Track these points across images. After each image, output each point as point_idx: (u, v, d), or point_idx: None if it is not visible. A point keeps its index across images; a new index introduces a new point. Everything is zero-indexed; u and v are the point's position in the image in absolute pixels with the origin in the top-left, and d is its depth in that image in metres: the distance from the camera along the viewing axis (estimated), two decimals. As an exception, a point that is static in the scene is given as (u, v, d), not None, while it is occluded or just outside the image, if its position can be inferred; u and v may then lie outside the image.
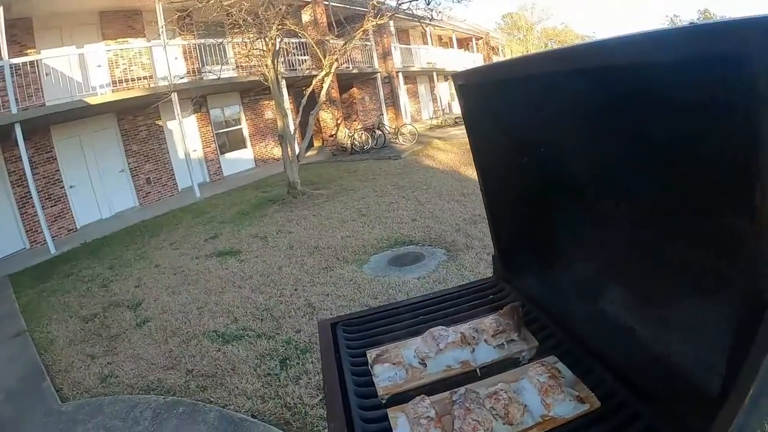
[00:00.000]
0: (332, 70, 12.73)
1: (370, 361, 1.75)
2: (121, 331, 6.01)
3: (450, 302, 2.20)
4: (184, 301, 6.64)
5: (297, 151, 12.41)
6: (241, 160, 18.53)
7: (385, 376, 1.67)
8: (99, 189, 13.80)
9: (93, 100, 12.22)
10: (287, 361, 4.79)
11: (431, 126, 24.30)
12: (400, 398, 1.63)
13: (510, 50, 48.25)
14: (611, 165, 1.47)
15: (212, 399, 4.28)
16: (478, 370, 1.71)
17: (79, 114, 12.62)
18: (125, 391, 4.58)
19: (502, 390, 1.49)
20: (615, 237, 1.57)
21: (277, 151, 18.11)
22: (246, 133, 18.88)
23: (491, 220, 2.28)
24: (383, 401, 1.61)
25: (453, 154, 14.97)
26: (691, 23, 1.12)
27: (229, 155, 18.06)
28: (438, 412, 1.45)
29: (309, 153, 17.50)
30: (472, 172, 11.66)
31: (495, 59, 42.94)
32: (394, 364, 1.69)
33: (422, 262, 6.94)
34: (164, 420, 3.97)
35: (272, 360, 4.84)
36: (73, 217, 12.96)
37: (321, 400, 4.10)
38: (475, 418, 1.39)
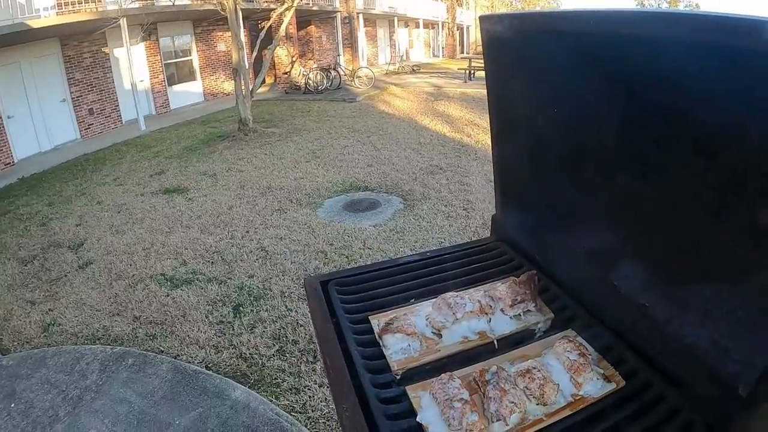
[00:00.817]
0: (294, 4, 12.18)
1: (377, 330, 1.59)
2: (63, 274, 5.61)
3: (450, 263, 2.05)
4: (129, 241, 6.28)
5: (250, 86, 11.89)
6: (189, 93, 17.65)
7: (398, 348, 1.51)
8: (39, 120, 12.73)
9: (35, 23, 11.16)
10: (241, 308, 4.62)
11: (387, 72, 23.81)
12: (414, 373, 1.49)
13: (475, 1, 47.46)
14: (641, 137, 1.38)
15: (162, 348, 4.08)
16: (495, 342, 1.58)
17: (20, 38, 11.42)
18: (69, 340, 4.29)
19: (535, 369, 1.37)
20: (635, 211, 1.51)
21: (228, 86, 17.38)
22: (196, 64, 17.93)
23: (499, 178, 2.13)
24: (397, 377, 1.45)
25: (410, 102, 14.72)
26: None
27: (177, 87, 17.14)
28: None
29: (261, 90, 16.84)
30: (429, 122, 11.56)
31: (458, 10, 42.50)
32: (408, 334, 1.53)
33: (378, 210, 6.85)
34: (113, 373, 3.75)
35: (225, 307, 4.66)
36: (10, 150, 11.85)
37: (278, 350, 3.97)
38: (511, 401, 1.26)
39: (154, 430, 3.22)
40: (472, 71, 18.60)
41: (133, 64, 13.82)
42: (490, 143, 2.11)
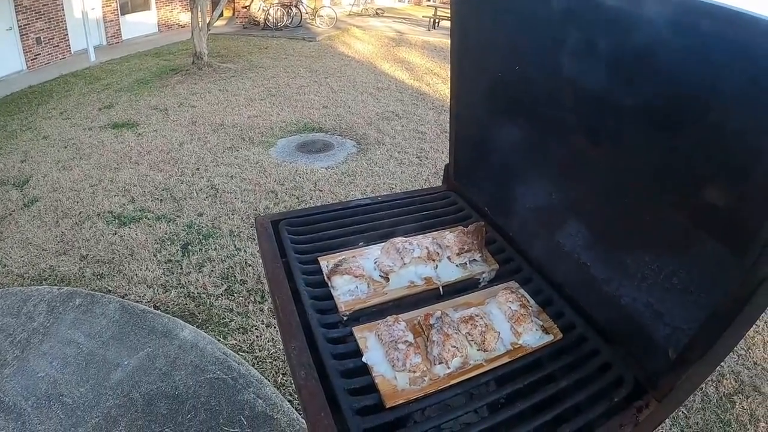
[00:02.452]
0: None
1: (326, 272, 1.60)
2: (7, 212, 5.39)
3: (401, 209, 2.07)
4: (76, 177, 6.05)
5: (207, 19, 11.41)
6: (143, 23, 16.61)
7: (346, 290, 1.53)
8: (-19, 49, 11.93)
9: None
10: (189, 246, 4.58)
11: (351, 13, 23.10)
12: (361, 315, 1.52)
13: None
14: (597, 101, 1.41)
15: (110, 288, 4.03)
16: (441, 289, 1.62)
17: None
18: (15, 282, 4.18)
19: (477, 316, 1.41)
20: (584, 174, 1.56)
21: (184, 17, 16.56)
22: None
23: (454, 128, 2.13)
24: (345, 318, 1.47)
25: (371, 45, 14.43)
26: None
27: (130, 17, 16.07)
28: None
29: (218, 23, 16.08)
30: (389, 68, 11.40)
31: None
32: (356, 276, 1.54)
33: (331, 152, 6.83)
34: (60, 314, 3.68)
35: (173, 245, 4.61)
36: (-51, 82, 11.13)
37: (226, 290, 3.98)
38: (454, 345, 1.30)
39: (103, 371, 3.21)
40: (437, 20, 18.30)
41: (84, -11, 13.00)
42: (448, 93, 2.10)
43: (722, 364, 3.47)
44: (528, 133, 1.80)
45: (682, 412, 3.10)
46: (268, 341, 3.50)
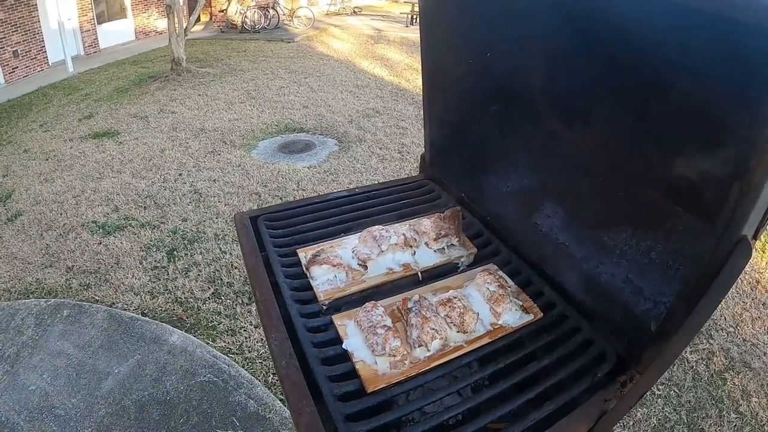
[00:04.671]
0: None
1: (305, 263, 1.60)
2: None
3: (378, 199, 2.08)
4: (59, 189, 5.99)
5: (184, 24, 11.34)
6: (120, 31, 16.41)
7: (324, 279, 1.54)
8: (-42, 65, 11.74)
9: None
10: (175, 252, 4.56)
11: (328, 12, 23.04)
12: (340, 303, 1.52)
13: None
14: (569, 84, 1.42)
15: (97, 298, 4.00)
16: (420, 274, 1.62)
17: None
18: (2, 297, 4.12)
19: (455, 298, 1.42)
20: (558, 156, 1.57)
21: (161, 24, 16.39)
22: (128, 1, 16.67)
23: (428, 118, 2.13)
24: (324, 307, 1.48)
25: (349, 44, 14.42)
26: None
27: (107, 26, 15.88)
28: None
29: (195, 28, 15.93)
30: (368, 65, 11.39)
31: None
32: (334, 266, 1.55)
33: (313, 151, 6.83)
34: (49, 326, 3.66)
35: (158, 252, 4.58)
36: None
37: (213, 293, 3.96)
38: (432, 327, 1.31)
39: (94, 381, 3.19)
40: (415, 16, 18.29)
41: (59, 1, 12.84)
42: (422, 83, 2.11)
43: (712, 341, 3.51)
44: (501, 118, 1.81)
45: (674, 390, 3.13)
46: (257, 342, 3.49)
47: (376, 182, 5.61)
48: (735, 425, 2.94)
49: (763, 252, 4.54)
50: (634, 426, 2.91)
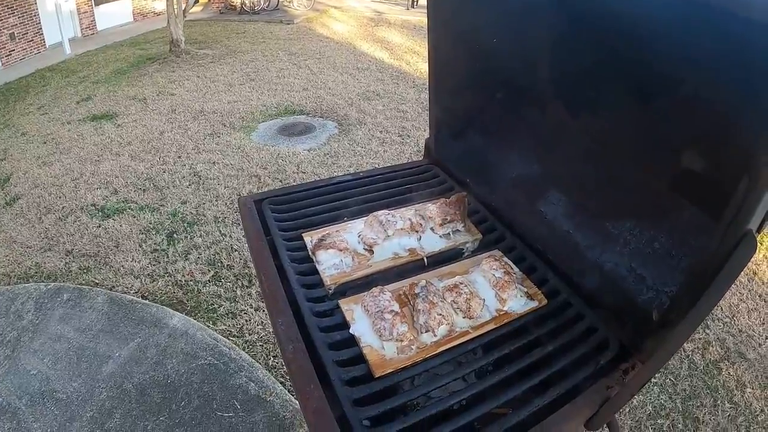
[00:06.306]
0: None
1: (310, 246, 1.60)
2: None
3: (383, 183, 2.07)
4: (57, 172, 5.95)
5: (183, 5, 11.22)
6: (117, 13, 16.24)
7: (330, 264, 1.54)
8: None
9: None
10: (174, 235, 4.56)
11: (329, -7, 22.86)
12: (346, 288, 1.52)
13: None
14: (576, 72, 1.41)
15: (97, 281, 4.00)
16: (425, 259, 1.62)
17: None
18: (2, 281, 4.11)
19: (462, 284, 1.42)
20: (565, 144, 1.56)
21: (159, 5, 16.20)
22: None
23: (433, 102, 2.12)
24: (330, 291, 1.48)
25: (350, 26, 14.29)
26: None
27: (104, 7, 15.69)
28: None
29: (194, 9, 15.79)
30: (368, 48, 11.31)
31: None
32: (340, 250, 1.55)
33: (313, 134, 6.80)
34: (49, 310, 3.65)
35: (158, 234, 4.58)
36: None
37: (213, 276, 3.97)
38: (439, 313, 1.31)
39: (95, 365, 3.19)
40: (416, -1, 18.13)
41: (56, -18, 12.70)
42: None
43: (708, 331, 3.52)
44: (508, 104, 1.80)
45: (670, 379, 3.15)
46: (257, 325, 3.50)
47: (377, 165, 5.62)
48: (729, 415, 2.96)
49: (761, 244, 4.55)
50: (630, 413, 2.94)
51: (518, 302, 1.46)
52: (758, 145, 0.91)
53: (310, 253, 1.59)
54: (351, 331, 1.32)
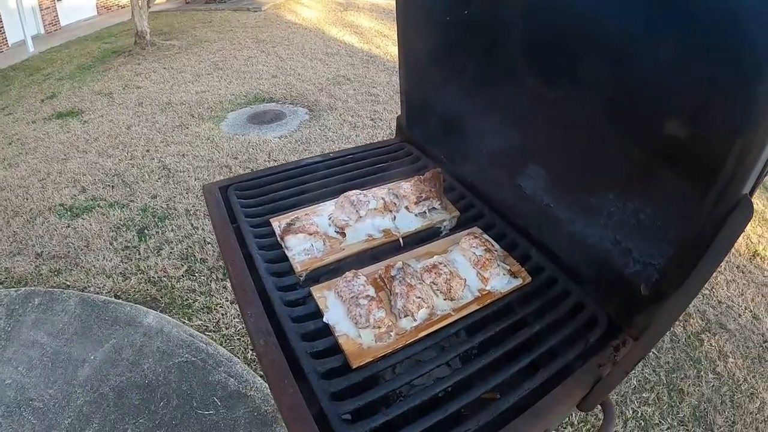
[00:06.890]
0: None
1: (279, 232, 1.51)
2: None
3: (353, 163, 1.99)
4: (23, 173, 5.72)
5: (148, -3, 10.93)
6: (81, 7, 15.73)
7: (300, 249, 1.45)
8: None
9: None
10: (145, 230, 4.42)
11: (295, -22, 22.52)
12: (318, 274, 1.44)
13: None
14: (551, 41, 1.35)
15: (69, 283, 3.84)
16: (401, 240, 1.54)
17: None
18: None
19: (441, 264, 1.34)
20: (541, 116, 1.50)
21: (124, -3, 15.91)
22: None
23: (404, 78, 2.04)
24: (301, 278, 1.39)
25: (318, 12, 14.07)
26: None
27: (67, 2, 15.15)
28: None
29: (159, 0, 15.53)
30: (338, 32, 11.16)
31: None
32: (310, 234, 1.46)
33: (283, 121, 6.69)
34: (21, 316, 3.50)
35: (129, 231, 4.43)
36: None
37: (186, 270, 3.85)
38: (418, 296, 1.23)
39: (70, 370, 3.07)
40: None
41: (16, -22, 12.25)
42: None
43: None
44: (480, 77, 1.72)
45: (653, 352, 3.13)
46: (234, 318, 3.40)
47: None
48: (713, 385, 2.96)
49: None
50: (615, 388, 2.91)
51: (501, 281, 1.39)
52: (753, 104, 0.86)
53: (278, 238, 1.50)
54: (325, 319, 1.24)
